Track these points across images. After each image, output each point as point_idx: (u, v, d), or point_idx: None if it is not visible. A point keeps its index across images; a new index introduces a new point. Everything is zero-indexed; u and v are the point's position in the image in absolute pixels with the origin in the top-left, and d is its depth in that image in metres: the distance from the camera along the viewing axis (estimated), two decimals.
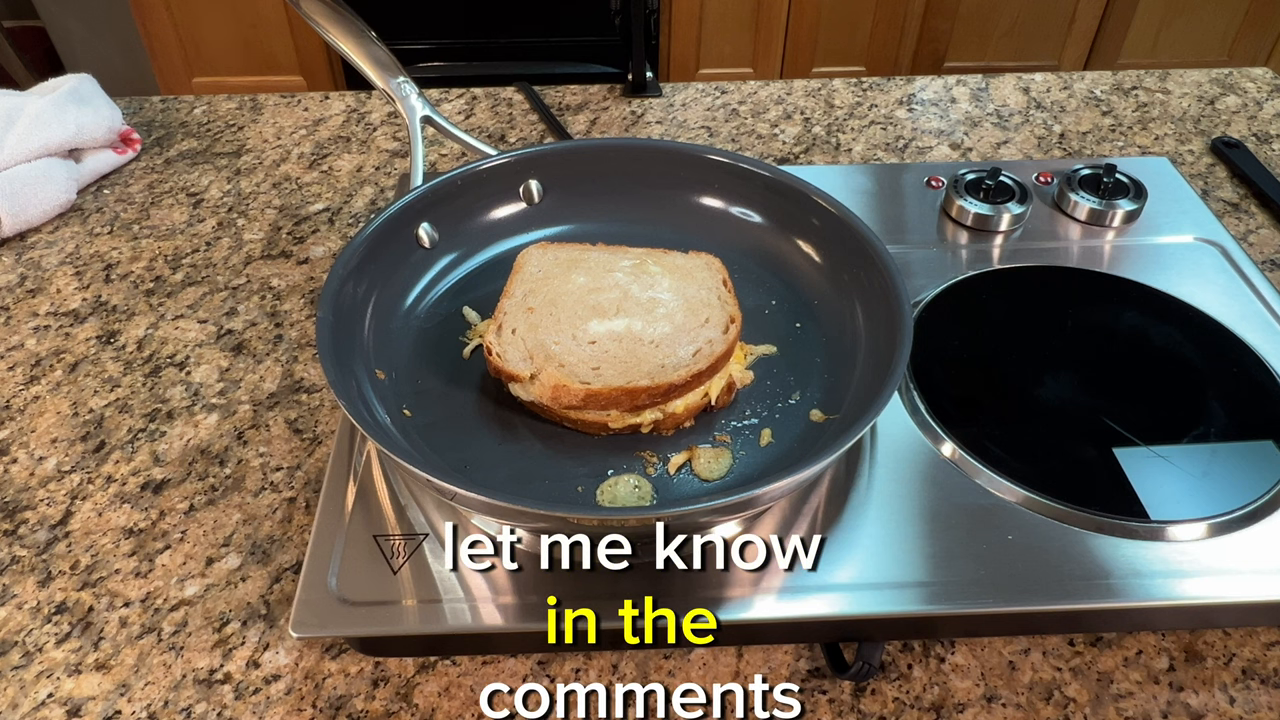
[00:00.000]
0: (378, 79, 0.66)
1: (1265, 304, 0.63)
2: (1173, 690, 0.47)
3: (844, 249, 0.58)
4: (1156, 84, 0.97)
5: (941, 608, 0.46)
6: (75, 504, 0.57)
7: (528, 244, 0.60)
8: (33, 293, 0.72)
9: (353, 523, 0.49)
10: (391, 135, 0.90)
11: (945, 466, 0.52)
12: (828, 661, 0.48)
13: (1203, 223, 0.70)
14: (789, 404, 0.54)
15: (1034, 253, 0.68)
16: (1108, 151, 0.87)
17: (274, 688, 0.47)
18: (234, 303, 0.71)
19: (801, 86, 0.97)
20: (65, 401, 0.63)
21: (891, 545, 0.48)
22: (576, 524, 0.43)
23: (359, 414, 0.45)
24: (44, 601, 0.51)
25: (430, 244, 0.61)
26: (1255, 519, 0.50)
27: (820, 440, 0.51)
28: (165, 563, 0.53)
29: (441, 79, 1.81)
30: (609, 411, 0.51)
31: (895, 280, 0.53)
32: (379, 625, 0.45)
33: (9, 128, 0.78)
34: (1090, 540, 0.48)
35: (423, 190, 0.60)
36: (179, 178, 0.85)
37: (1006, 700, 0.47)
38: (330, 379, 0.46)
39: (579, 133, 0.91)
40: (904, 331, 0.49)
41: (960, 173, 0.72)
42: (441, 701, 0.47)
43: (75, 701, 0.47)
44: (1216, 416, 0.55)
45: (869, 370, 0.53)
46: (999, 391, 0.58)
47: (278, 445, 0.60)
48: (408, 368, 0.56)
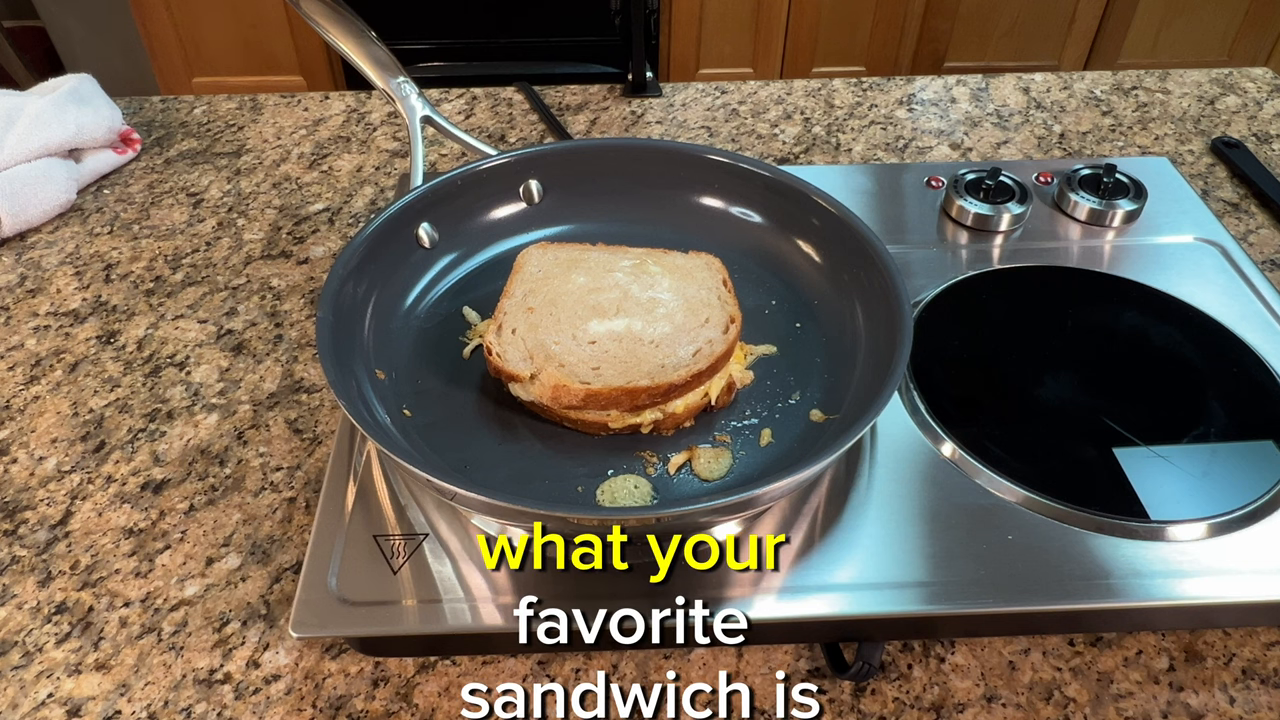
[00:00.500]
0: (378, 79, 0.66)
1: (1265, 304, 0.63)
2: (1173, 690, 0.47)
3: (844, 249, 0.58)
4: (1156, 84, 0.97)
5: (941, 608, 0.46)
6: (75, 504, 0.57)
7: (528, 244, 0.60)
8: (33, 293, 0.72)
9: (353, 523, 0.49)
10: (391, 135, 0.90)
11: (945, 466, 0.52)
12: (828, 661, 0.48)
13: (1203, 223, 0.70)
14: (789, 404, 0.54)
15: (1034, 253, 0.68)
16: (1108, 151, 0.87)
17: (274, 688, 0.47)
18: (234, 303, 0.71)
19: (801, 86, 0.97)
20: (65, 401, 0.63)
21: (891, 545, 0.48)
22: (576, 524, 0.43)
23: (359, 414, 0.45)
24: (44, 601, 0.51)
25: (430, 244, 0.61)
26: (1255, 519, 0.50)
27: (820, 440, 0.51)
28: (165, 563, 0.53)
29: (441, 79, 1.81)
30: (609, 411, 0.51)
31: (895, 280, 0.53)
32: (379, 625, 0.45)
33: (9, 128, 0.78)
34: (1090, 540, 0.48)
35: (423, 190, 0.60)
36: (179, 178, 0.85)
37: (1006, 700, 0.47)
38: (330, 379, 0.46)
39: (579, 133, 0.91)
40: (904, 331, 0.49)
41: (960, 173, 0.72)
42: (441, 701, 0.47)
43: (75, 701, 0.47)
44: (1216, 416, 0.55)
45: (869, 370, 0.53)
46: (999, 391, 0.58)
47: (278, 445, 0.60)
48: (408, 368, 0.56)
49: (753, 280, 0.61)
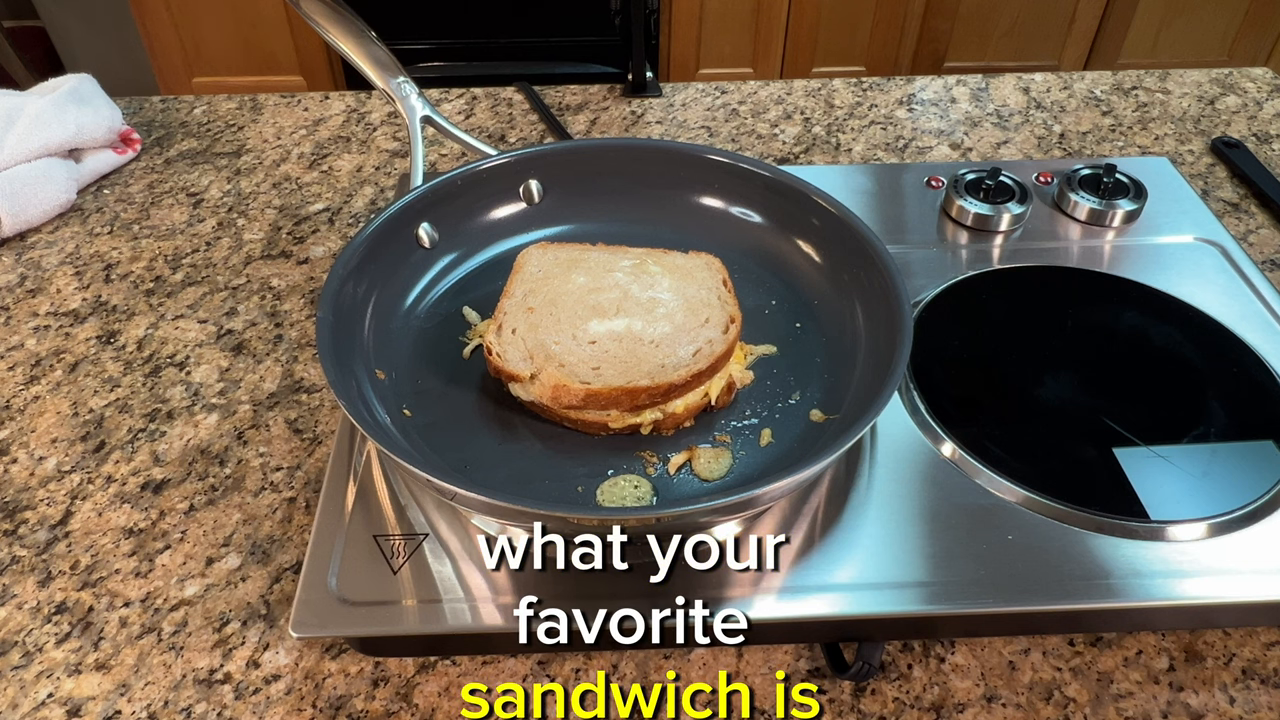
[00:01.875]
0: (378, 79, 0.66)
1: (1265, 304, 0.63)
2: (1173, 690, 0.47)
3: (844, 249, 0.58)
4: (1156, 84, 0.97)
5: (941, 608, 0.46)
6: (75, 504, 0.57)
7: (528, 244, 0.60)
8: (33, 293, 0.72)
9: (353, 523, 0.49)
10: (391, 135, 0.90)
11: (945, 466, 0.52)
12: (828, 661, 0.48)
13: (1203, 223, 0.70)
14: (789, 404, 0.54)
15: (1034, 253, 0.68)
16: (1108, 151, 0.87)
17: (274, 688, 0.47)
18: (234, 303, 0.71)
19: (801, 86, 0.97)
20: (65, 401, 0.63)
21: (891, 545, 0.48)
22: (576, 524, 0.43)
23: (359, 414, 0.45)
24: (44, 601, 0.51)
25: (430, 244, 0.61)
26: (1255, 519, 0.50)
27: (820, 440, 0.51)
28: (165, 563, 0.53)
29: (441, 79, 1.81)
30: (609, 411, 0.51)
31: (895, 280, 0.53)
32: (379, 625, 0.45)
33: (9, 128, 0.78)
34: (1090, 540, 0.48)
35: (423, 190, 0.60)
36: (179, 178, 0.85)
37: (1006, 700, 0.47)
38: (330, 379, 0.46)
39: (579, 133, 0.91)
40: (904, 331, 0.49)
41: (960, 173, 0.72)
42: (441, 702, 0.47)
43: (75, 701, 0.47)
44: (1216, 416, 0.55)
45: (869, 370, 0.53)
46: (999, 391, 0.58)
47: (278, 445, 0.60)
48: (408, 368, 0.56)
49: (753, 280, 0.61)
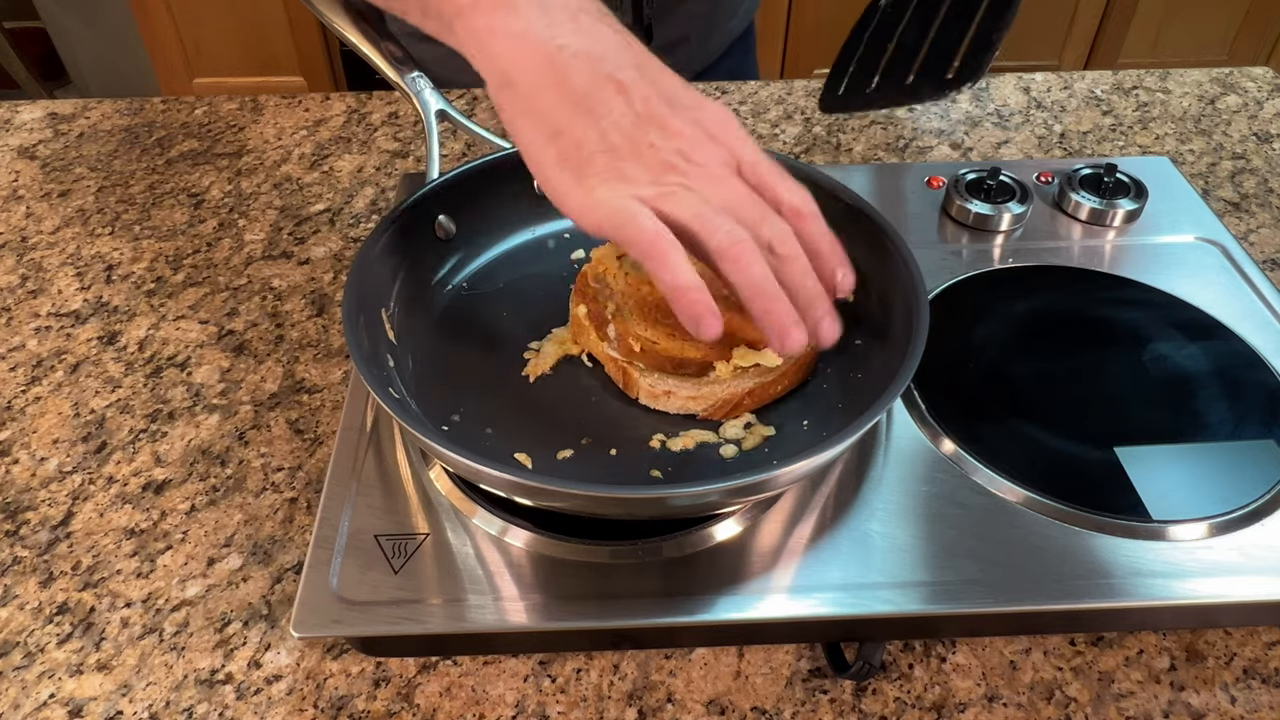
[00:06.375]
0: (393, 74, 0.66)
1: (1266, 303, 0.63)
2: (1174, 690, 0.47)
3: (859, 234, 0.58)
4: (1157, 84, 0.97)
5: (942, 607, 0.46)
6: (77, 505, 0.57)
7: (544, 235, 0.61)
8: (34, 293, 0.72)
9: (354, 523, 0.49)
10: (392, 136, 0.90)
11: (945, 466, 0.52)
12: (828, 661, 0.48)
13: (1203, 222, 0.70)
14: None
15: (1034, 252, 0.68)
16: (1108, 151, 0.87)
17: (275, 688, 0.48)
18: (235, 303, 0.71)
19: (802, 86, 0.97)
20: (66, 402, 0.63)
21: (892, 545, 0.48)
22: (597, 502, 0.43)
23: (380, 389, 0.45)
24: (45, 602, 0.52)
25: (447, 235, 0.62)
26: (1256, 518, 0.50)
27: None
28: (167, 563, 0.53)
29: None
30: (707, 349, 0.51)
31: (911, 268, 0.53)
32: (380, 625, 0.45)
33: None
34: (1091, 540, 0.48)
35: (440, 182, 0.60)
36: (180, 178, 0.85)
37: (1008, 700, 0.47)
38: (358, 365, 0.46)
39: None
40: (920, 318, 0.49)
41: (960, 172, 0.72)
42: (443, 702, 0.47)
43: (77, 702, 0.47)
44: (1217, 416, 0.55)
45: (880, 363, 0.53)
46: (1000, 391, 0.58)
47: (279, 445, 0.60)
48: (433, 357, 0.56)
49: None
